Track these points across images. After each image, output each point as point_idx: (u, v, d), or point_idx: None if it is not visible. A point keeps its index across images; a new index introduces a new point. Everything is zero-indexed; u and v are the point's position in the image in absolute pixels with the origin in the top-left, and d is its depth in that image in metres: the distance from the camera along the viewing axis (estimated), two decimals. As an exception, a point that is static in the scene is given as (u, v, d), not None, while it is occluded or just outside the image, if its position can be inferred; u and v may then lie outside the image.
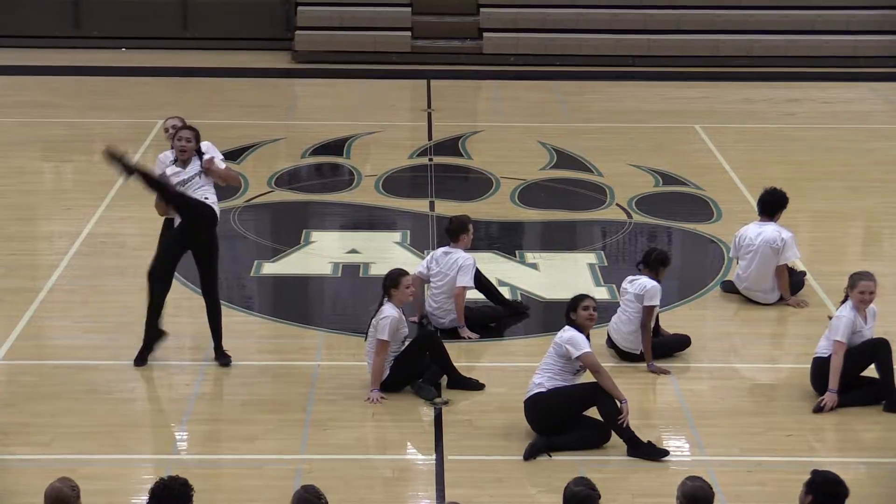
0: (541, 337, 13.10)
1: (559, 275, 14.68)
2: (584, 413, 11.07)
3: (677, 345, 12.73)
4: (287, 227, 16.15)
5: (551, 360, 11.12)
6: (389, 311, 11.82)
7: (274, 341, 13.14)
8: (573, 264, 15.05)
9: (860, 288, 11.92)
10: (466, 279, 13.13)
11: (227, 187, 13.29)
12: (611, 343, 12.70)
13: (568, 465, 10.63)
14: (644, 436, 11.01)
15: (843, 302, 12.00)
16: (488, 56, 24.83)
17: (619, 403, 10.83)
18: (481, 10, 25.43)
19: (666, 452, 10.94)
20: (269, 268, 14.83)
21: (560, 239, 15.61)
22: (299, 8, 25.27)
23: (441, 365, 11.96)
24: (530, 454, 10.89)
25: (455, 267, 13.16)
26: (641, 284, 12.49)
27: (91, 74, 23.46)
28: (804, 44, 24.82)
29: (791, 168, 18.07)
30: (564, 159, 18.78)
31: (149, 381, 12.04)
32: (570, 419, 11.02)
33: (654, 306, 12.44)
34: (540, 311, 13.83)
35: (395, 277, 11.95)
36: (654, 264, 12.65)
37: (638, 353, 12.49)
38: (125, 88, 22.59)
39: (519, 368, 12.57)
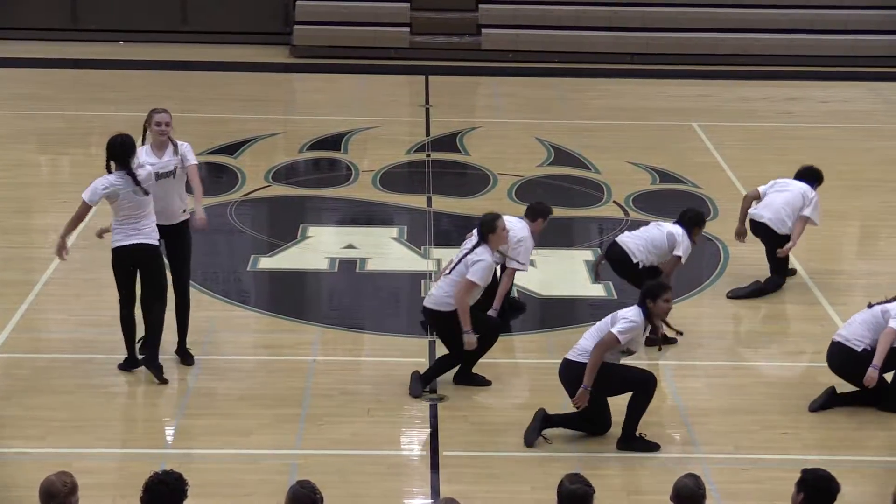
0: (537, 333, 13.10)
1: (556, 272, 14.67)
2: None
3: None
4: (284, 222, 16.14)
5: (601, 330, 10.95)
6: (485, 255, 11.68)
7: (270, 336, 13.13)
8: (570, 261, 15.05)
9: None
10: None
11: (223, 181, 13.29)
12: None
13: (563, 461, 10.62)
14: (637, 432, 11.01)
15: None
16: (487, 52, 24.84)
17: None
18: (480, 6, 25.44)
19: (657, 447, 10.93)
20: (266, 262, 14.82)
21: (557, 236, 15.60)
22: (298, 3, 25.27)
23: (469, 356, 11.86)
24: (531, 437, 10.87)
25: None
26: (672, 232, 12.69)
27: (89, 67, 23.47)
28: (803, 43, 24.84)
29: (788, 167, 17.96)
30: (562, 156, 18.78)
31: (144, 375, 12.01)
32: (599, 397, 10.90)
33: (679, 257, 12.73)
34: (537, 307, 13.82)
35: (490, 222, 11.77)
36: (688, 223, 12.74)
37: None
38: (123, 82, 22.57)
39: (516, 365, 12.58)
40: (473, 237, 12.14)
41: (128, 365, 12.06)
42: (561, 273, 14.67)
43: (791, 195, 14.06)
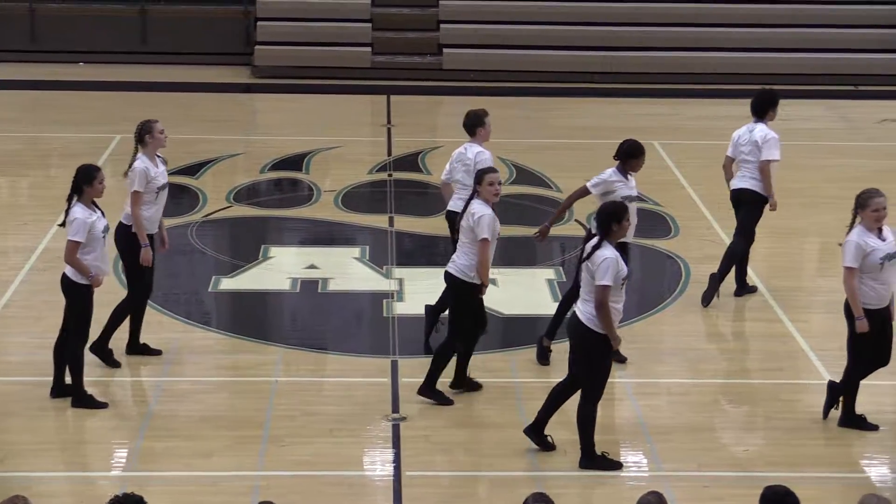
0: (500, 352, 13.09)
1: (518, 290, 14.68)
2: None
3: None
4: (245, 243, 16.11)
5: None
6: (481, 208, 11.64)
7: (232, 357, 13.08)
8: (532, 280, 15.07)
9: (873, 206, 11.25)
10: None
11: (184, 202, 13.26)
12: None
13: (526, 481, 10.62)
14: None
15: (850, 228, 11.42)
16: (448, 72, 24.87)
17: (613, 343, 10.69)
18: (441, 26, 25.48)
19: (619, 465, 10.94)
20: (228, 283, 14.78)
21: (519, 255, 15.62)
22: (259, 23, 25.25)
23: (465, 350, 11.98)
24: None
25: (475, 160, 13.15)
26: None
27: (48, 89, 23.37)
28: (763, 61, 24.98)
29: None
30: (524, 175, 18.81)
31: (104, 397, 11.94)
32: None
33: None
34: (499, 326, 13.82)
35: (480, 176, 11.82)
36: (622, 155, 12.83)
37: None
38: (83, 103, 22.50)
39: (478, 384, 12.55)
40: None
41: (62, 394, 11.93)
42: (523, 292, 14.68)
43: (753, 160, 14.10)
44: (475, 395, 12.28)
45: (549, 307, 14.19)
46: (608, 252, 10.67)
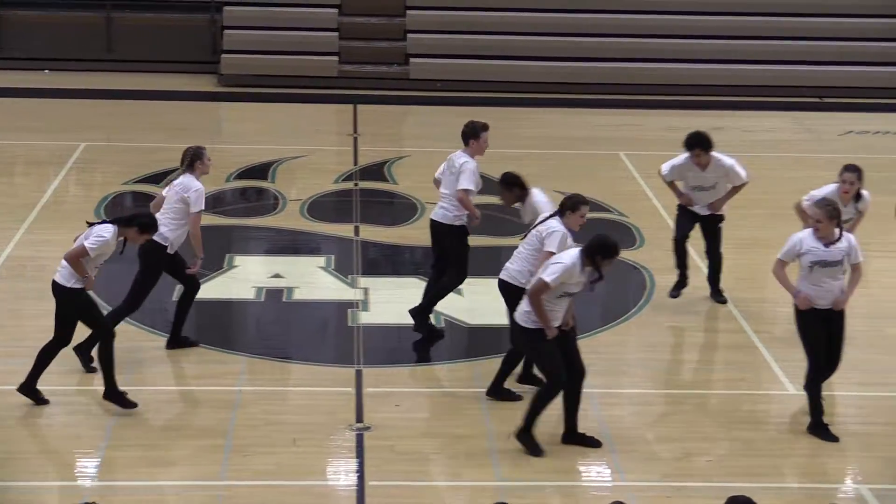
0: (464, 362, 13.10)
1: (483, 300, 14.68)
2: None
3: None
4: (210, 252, 15.97)
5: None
6: (558, 227, 11.88)
7: (196, 366, 13.04)
8: (497, 289, 15.04)
9: (814, 215, 11.78)
10: (465, 181, 13.22)
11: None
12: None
13: (490, 490, 10.63)
14: (565, 460, 11.07)
15: None
16: (415, 81, 24.91)
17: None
18: (408, 35, 25.51)
19: (542, 452, 11.15)
20: (192, 292, 14.71)
21: (485, 265, 15.58)
22: (225, 31, 25.24)
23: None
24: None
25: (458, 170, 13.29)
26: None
27: (13, 96, 23.29)
28: (728, 73, 25.11)
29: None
30: (491, 185, 18.75)
31: (67, 407, 11.91)
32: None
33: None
34: (464, 336, 13.83)
35: (576, 203, 11.99)
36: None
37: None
38: (48, 110, 22.44)
39: (443, 394, 12.58)
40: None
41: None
42: (488, 302, 14.67)
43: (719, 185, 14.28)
44: (440, 405, 12.29)
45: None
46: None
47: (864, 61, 25.52)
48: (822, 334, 11.65)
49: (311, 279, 15.20)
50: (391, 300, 14.64)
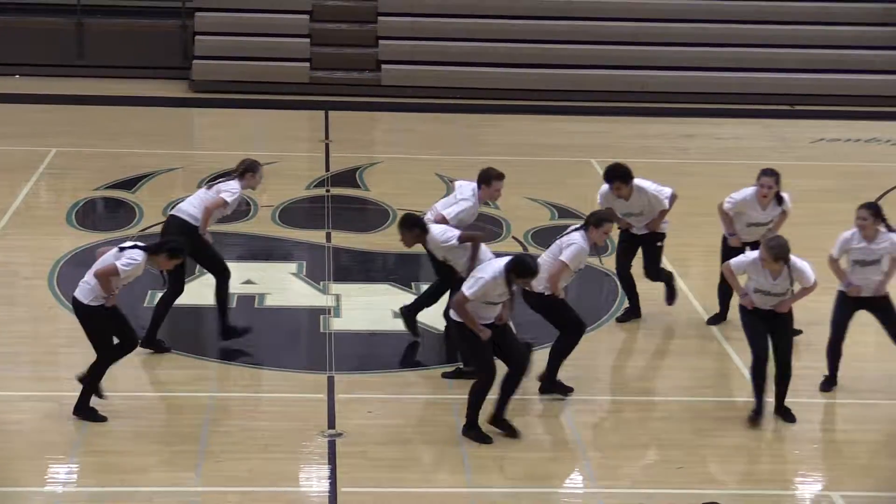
0: (438, 368, 13.11)
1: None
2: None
3: None
4: (182, 258, 16.00)
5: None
6: (579, 239, 12.32)
7: (168, 372, 13.02)
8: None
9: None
10: (452, 210, 13.42)
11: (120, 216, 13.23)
12: None
13: (463, 496, 10.66)
14: (537, 467, 11.10)
15: None
16: (386, 88, 24.92)
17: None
18: (380, 42, 25.52)
19: (490, 440, 11.44)
20: (164, 298, 14.69)
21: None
22: (197, 37, 25.19)
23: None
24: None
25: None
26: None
27: (-16, 101, 23.22)
28: (698, 80, 25.20)
29: (684, 203, 18.17)
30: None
31: (38, 413, 11.89)
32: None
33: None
34: (437, 342, 13.84)
35: (599, 220, 12.53)
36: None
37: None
38: (19, 116, 22.36)
39: (415, 401, 12.59)
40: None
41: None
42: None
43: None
44: (413, 412, 12.30)
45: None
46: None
47: (835, 69, 25.64)
48: (762, 330, 12.07)
49: (283, 285, 15.19)
50: (363, 307, 14.65)
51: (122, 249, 11.72)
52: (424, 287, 15.06)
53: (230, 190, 13.48)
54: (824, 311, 13.00)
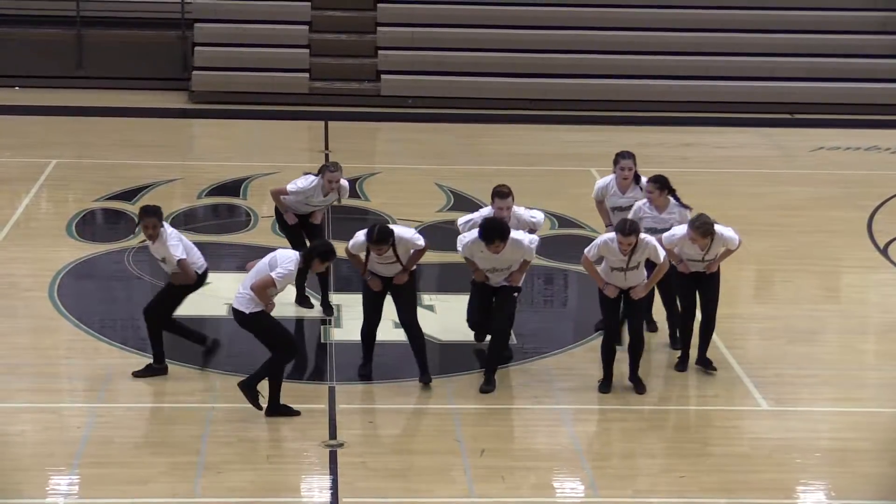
0: (437, 379, 13.09)
1: (456, 317, 14.66)
2: None
3: None
4: (182, 268, 15.99)
5: None
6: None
7: (168, 383, 13.00)
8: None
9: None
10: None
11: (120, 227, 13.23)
12: None
13: (463, 507, 10.66)
14: (538, 476, 11.08)
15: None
16: (386, 98, 24.93)
17: None
18: (379, 52, 25.53)
19: (297, 412, 12.04)
20: (164, 309, 14.68)
21: (456, 281, 15.61)
22: (196, 48, 25.20)
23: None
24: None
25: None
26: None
27: (-17, 113, 23.23)
28: (698, 89, 25.20)
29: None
30: (461, 201, 18.84)
31: (39, 424, 11.87)
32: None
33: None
34: (436, 353, 13.82)
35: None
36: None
37: None
38: (18, 128, 22.36)
39: (416, 411, 12.57)
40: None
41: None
42: (460, 318, 14.66)
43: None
44: (412, 422, 12.28)
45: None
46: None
47: (834, 77, 25.66)
48: (693, 289, 13.30)
49: (284, 296, 15.12)
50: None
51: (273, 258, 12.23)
52: (425, 297, 15.09)
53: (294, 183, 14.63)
54: (827, 320, 13.01)
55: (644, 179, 14.20)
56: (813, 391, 12.98)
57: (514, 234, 12.85)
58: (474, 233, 12.94)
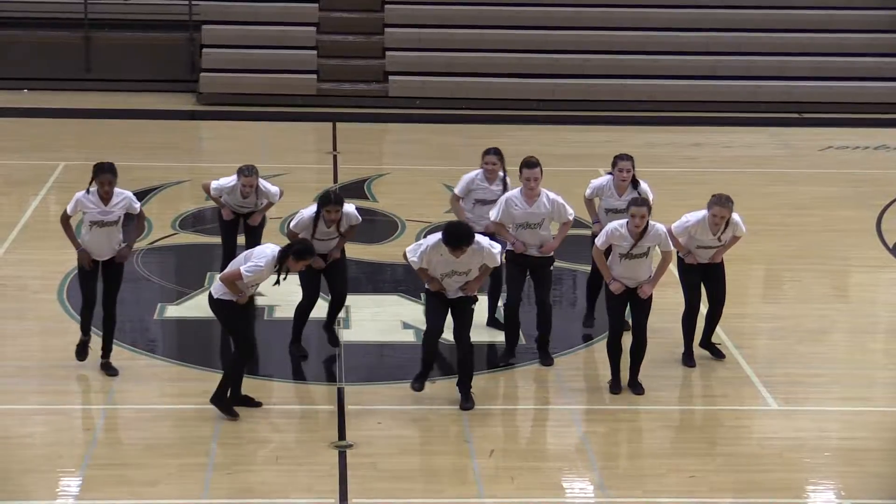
0: (446, 380, 13.09)
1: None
2: None
3: None
4: (191, 270, 16.05)
5: None
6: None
7: (177, 384, 13.02)
8: (478, 305, 15.02)
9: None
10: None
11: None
12: None
13: (472, 507, 10.66)
14: (547, 476, 11.08)
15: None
16: (394, 99, 24.95)
17: None
18: (387, 53, 25.54)
19: (237, 415, 12.01)
20: (173, 310, 14.72)
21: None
22: (204, 50, 25.23)
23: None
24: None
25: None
26: None
27: (-8, 116, 23.25)
28: (706, 89, 25.19)
29: (692, 211, 18.25)
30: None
31: (48, 426, 11.88)
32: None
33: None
34: (446, 353, 13.81)
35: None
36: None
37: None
38: (27, 130, 22.39)
39: (425, 411, 12.56)
40: None
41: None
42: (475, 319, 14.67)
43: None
44: (422, 423, 12.27)
45: (495, 335, 14.22)
46: None
47: (843, 77, 25.64)
48: (698, 282, 13.41)
49: (292, 297, 15.13)
50: (372, 318, 14.64)
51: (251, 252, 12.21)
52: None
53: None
54: (836, 320, 12.99)
55: (643, 183, 14.15)
56: (822, 390, 12.97)
57: (478, 238, 12.35)
58: (433, 238, 12.29)
